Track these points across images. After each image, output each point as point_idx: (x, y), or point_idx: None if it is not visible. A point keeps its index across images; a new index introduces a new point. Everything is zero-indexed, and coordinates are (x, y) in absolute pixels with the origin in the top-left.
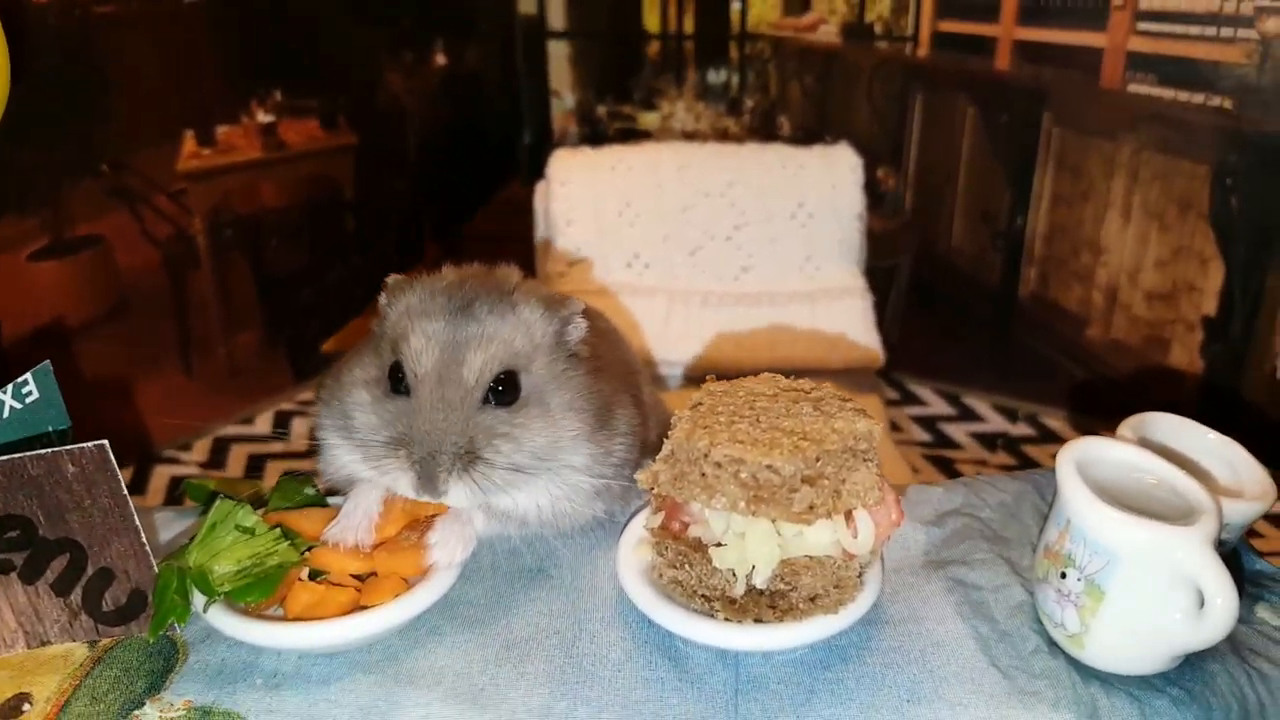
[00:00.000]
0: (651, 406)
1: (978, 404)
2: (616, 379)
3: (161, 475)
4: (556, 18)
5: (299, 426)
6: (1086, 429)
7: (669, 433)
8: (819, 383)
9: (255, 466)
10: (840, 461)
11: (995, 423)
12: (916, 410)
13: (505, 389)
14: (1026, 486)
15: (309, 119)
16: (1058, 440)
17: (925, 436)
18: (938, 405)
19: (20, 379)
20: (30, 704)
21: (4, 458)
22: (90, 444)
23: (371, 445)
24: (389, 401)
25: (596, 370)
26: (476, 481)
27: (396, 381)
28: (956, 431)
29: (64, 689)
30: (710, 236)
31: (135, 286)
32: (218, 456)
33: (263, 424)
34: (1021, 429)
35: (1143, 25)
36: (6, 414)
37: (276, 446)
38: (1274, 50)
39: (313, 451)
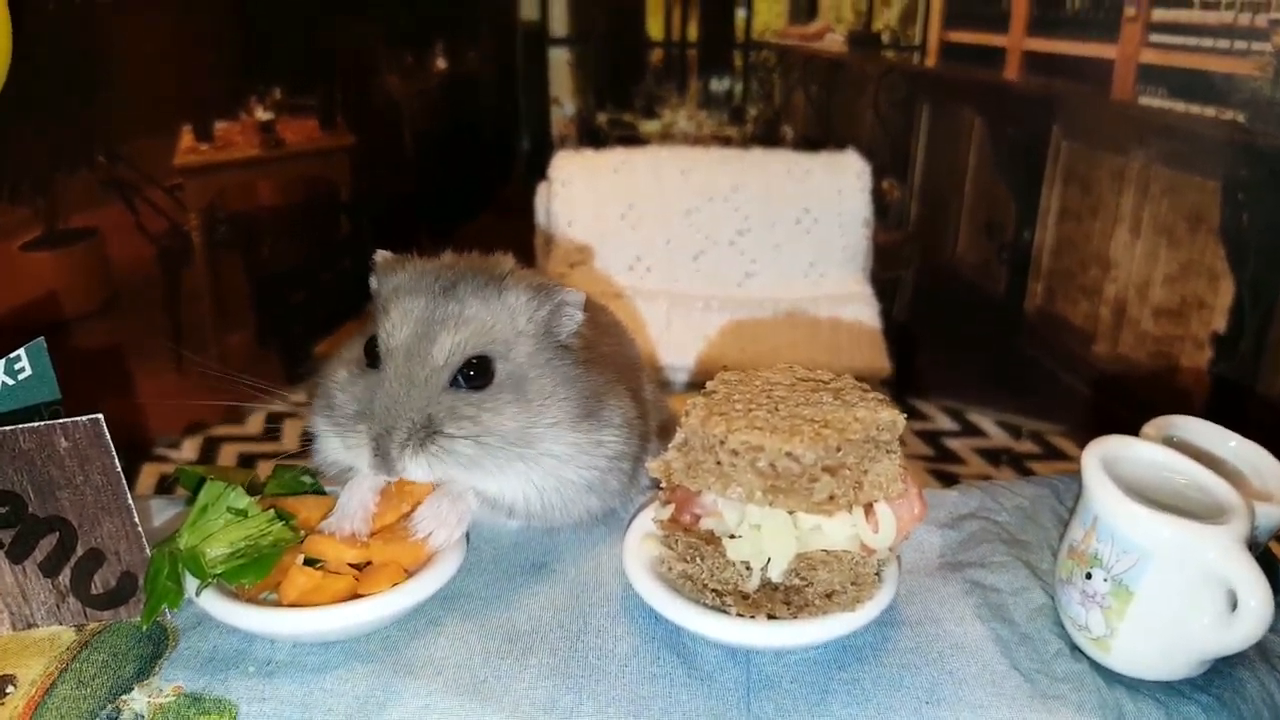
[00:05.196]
0: (653, 404)
1: (981, 419)
2: (614, 372)
3: (151, 473)
4: (559, 23)
5: (290, 428)
6: None
7: (682, 420)
8: (837, 373)
9: (246, 465)
10: (862, 451)
11: (999, 438)
12: (919, 425)
13: (476, 373)
14: (1044, 490)
15: (307, 118)
16: (1063, 457)
17: (928, 451)
18: (941, 420)
19: (13, 354)
20: (14, 686)
21: None
22: (84, 418)
23: (340, 421)
24: (362, 376)
25: (589, 361)
26: (435, 455)
27: (372, 357)
28: (960, 447)
29: (50, 672)
30: (714, 241)
31: (128, 280)
32: (208, 455)
33: (254, 424)
34: (1026, 445)
35: (1155, 37)
36: None
37: (268, 445)
38: None
39: (305, 450)
